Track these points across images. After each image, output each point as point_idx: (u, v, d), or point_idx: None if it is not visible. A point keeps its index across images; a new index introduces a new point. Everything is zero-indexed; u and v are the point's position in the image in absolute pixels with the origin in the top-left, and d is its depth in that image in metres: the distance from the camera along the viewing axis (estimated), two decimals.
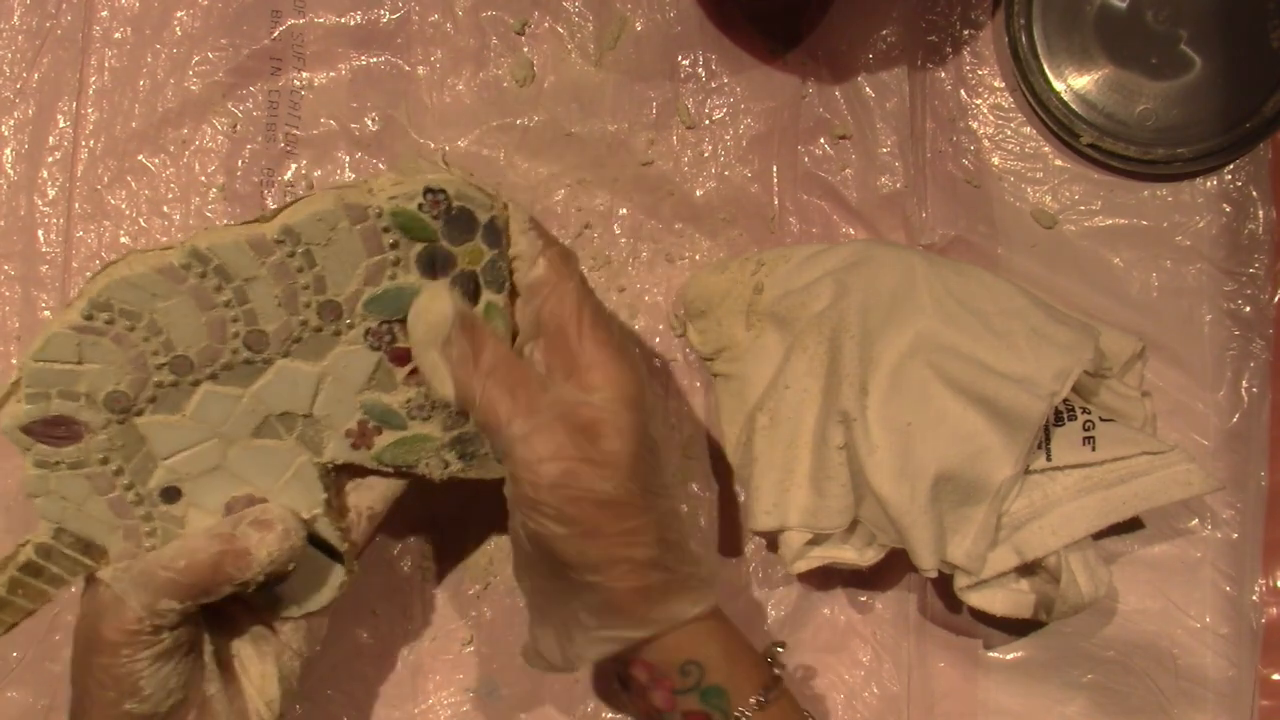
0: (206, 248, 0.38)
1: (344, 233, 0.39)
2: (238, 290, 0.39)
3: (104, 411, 0.38)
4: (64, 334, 0.38)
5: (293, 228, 0.38)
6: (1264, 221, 0.52)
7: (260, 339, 0.39)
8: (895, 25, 0.53)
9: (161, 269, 0.38)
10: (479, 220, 0.40)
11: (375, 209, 0.39)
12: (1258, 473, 0.51)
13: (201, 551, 0.38)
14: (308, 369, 0.40)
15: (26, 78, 0.52)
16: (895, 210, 0.53)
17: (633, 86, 0.53)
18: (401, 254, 0.40)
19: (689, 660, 0.40)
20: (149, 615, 0.37)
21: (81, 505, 0.39)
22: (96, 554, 0.40)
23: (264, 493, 0.41)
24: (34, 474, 0.39)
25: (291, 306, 0.39)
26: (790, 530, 0.46)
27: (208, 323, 0.39)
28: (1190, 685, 0.50)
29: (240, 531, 0.39)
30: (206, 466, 0.40)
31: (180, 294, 0.38)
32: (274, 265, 0.39)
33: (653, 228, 0.53)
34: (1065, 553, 0.45)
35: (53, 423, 0.38)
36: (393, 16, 0.53)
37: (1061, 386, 0.44)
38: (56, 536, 0.39)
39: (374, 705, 0.51)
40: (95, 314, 0.38)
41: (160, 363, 0.39)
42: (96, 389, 0.38)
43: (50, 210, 0.52)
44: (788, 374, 0.47)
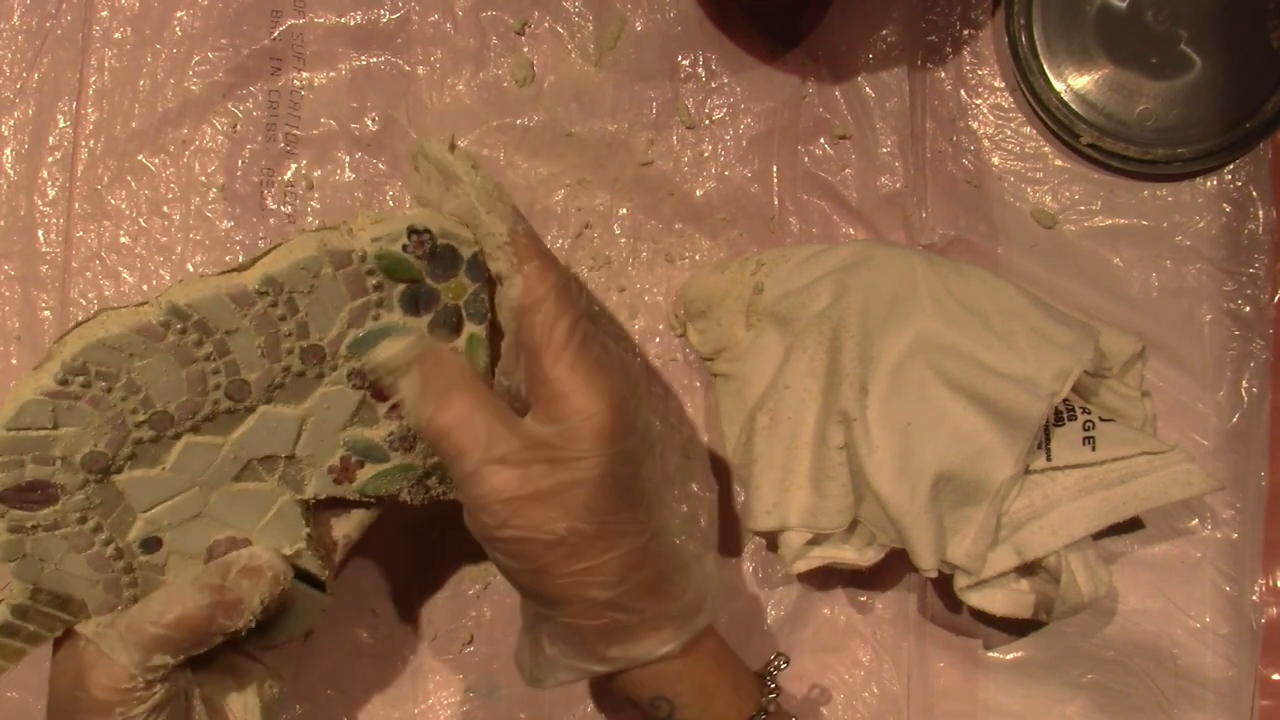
0: (186, 304, 0.37)
1: (327, 279, 0.38)
2: (219, 343, 0.37)
3: (81, 473, 0.37)
4: (37, 400, 0.36)
5: (275, 277, 0.37)
6: (1264, 221, 0.52)
7: (242, 388, 0.38)
8: (895, 25, 0.53)
9: (140, 329, 0.36)
10: (462, 256, 0.40)
11: (359, 252, 0.38)
12: (1258, 473, 0.51)
13: (193, 605, 0.38)
14: (290, 412, 0.39)
15: (26, 78, 0.52)
16: (895, 210, 0.53)
17: (633, 86, 0.53)
18: (385, 294, 0.39)
19: (657, 695, 0.40)
20: (141, 671, 0.37)
21: (58, 564, 0.38)
22: (75, 608, 0.39)
23: (246, 533, 0.40)
24: (7, 539, 0.37)
25: (274, 354, 0.38)
26: (790, 530, 0.46)
27: (188, 377, 0.37)
28: (1190, 685, 0.50)
29: (231, 582, 0.38)
30: (187, 515, 0.39)
31: (159, 351, 0.37)
32: (256, 316, 0.37)
33: (653, 228, 0.53)
34: (1065, 553, 0.45)
35: (27, 488, 0.37)
36: (393, 16, 0.53)
37: (1061, 386, 0.44)
38: (32, 596, 0.38)
39: (374, 705, 0.51)
40: (70, 378, 0.36)
41: (139, 420, 0.37)
42: (73, 452, 0.37)
43: (50, 210, 0.52)
44: (788, 374, 0.46)
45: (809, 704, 0.51)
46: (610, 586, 0.38)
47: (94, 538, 0.38)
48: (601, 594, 0.38)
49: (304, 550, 0.41)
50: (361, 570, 0.51)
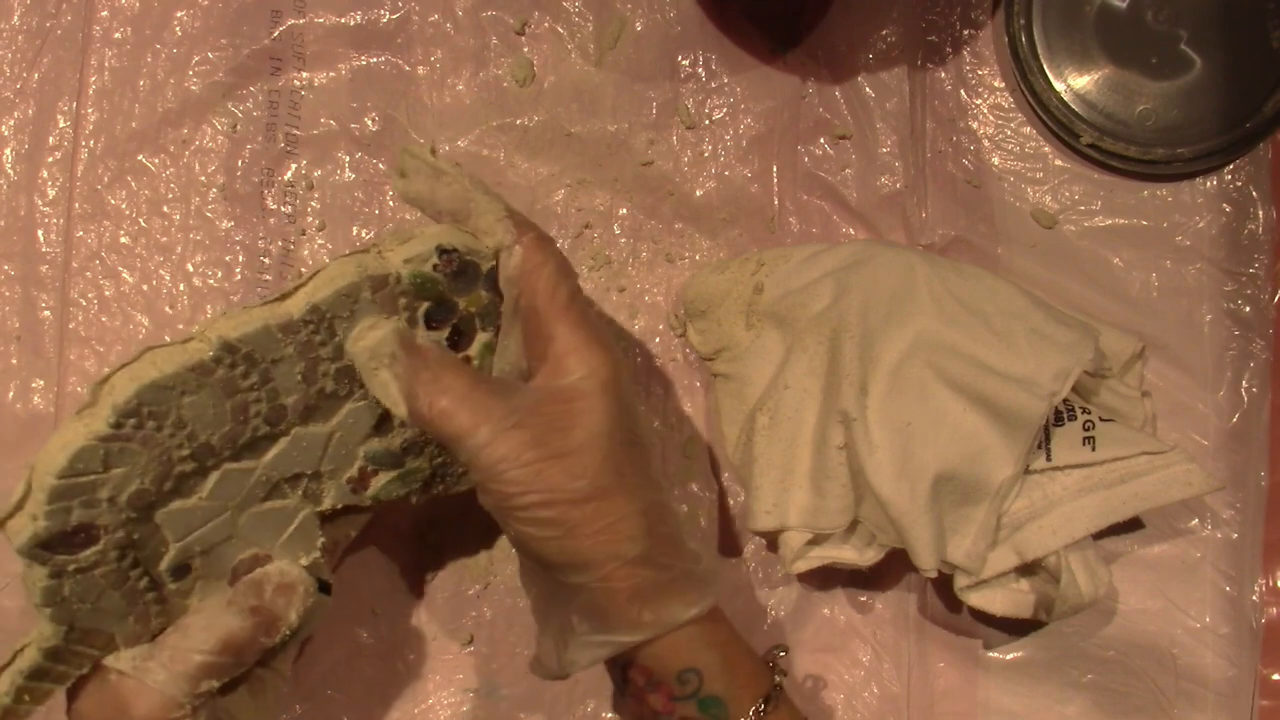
0: (237, 338, 0.36)
1: (365, 302, 0.38)
2: (263, 373, 0.38)
3: (125, 511, 0.37)
4: (90, 446, 0.35)
5: (319, 305, 0.37)
6: (1264, 221, 0.52)
7: (280, 413, 0.38)
8: (895, 25, 0.53)
9: (193, 366, 0.36)
10: (482, 270, 0.40)
11: (394, 275, 0.38)
12: (1258, 473, 0.51)
13: (235, 628, 0.38)
14: (319, 430, 0.40)
15: (26, 78, 0.52)
16: (895, 210, 0.53)
17: (633, 86, 0.53)
18: (411, 312, 0.40)
19: (687, 668, 0.39)
20: (189, 700, 0.37)
21: (95, 603, 0.37)
22: (103, 642, 0.38)
23: (267, 550, 0.41)
24: (46, 585, 0.36)
25: (312, 379, 0.38)
26: (790, 530, 0.46)
27: (231, 408, 0.37)
28: (1190, 685, 0.50)
29: (269, 601, 0.39)
30: (218, 539, 0.39)
31: (208, 386, 0.37)
32: (300, 343, 0.38)
33: (653, 228, 0.53)
34: (1065, 553, 0.45)
35: (71, 533, 0.36)
36: (393, 16, 0.53)
37: (1061, 386, 0.44)
38: (66, 637, 0.37)
39: (374, 705, 0.51)
40: (123, 421, 0.35)
41: (184, 454, 0.37)
42: (119, 492, 0.36)
43: (50, 210, 0.52)
44: (788, 374, 0.46)
45: (808, 703, 0.51)
46: (639, 540, 0.38)
47: (130, 573, 0.38)
48: (631, 549, 0.38)
49: (318, 559, 0.42)
50: (361, 570, 0.51)
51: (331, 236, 0.52)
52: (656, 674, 0.39)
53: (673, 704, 0.40)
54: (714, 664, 0.39)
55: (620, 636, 0.38)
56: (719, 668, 0.39)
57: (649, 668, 0.39)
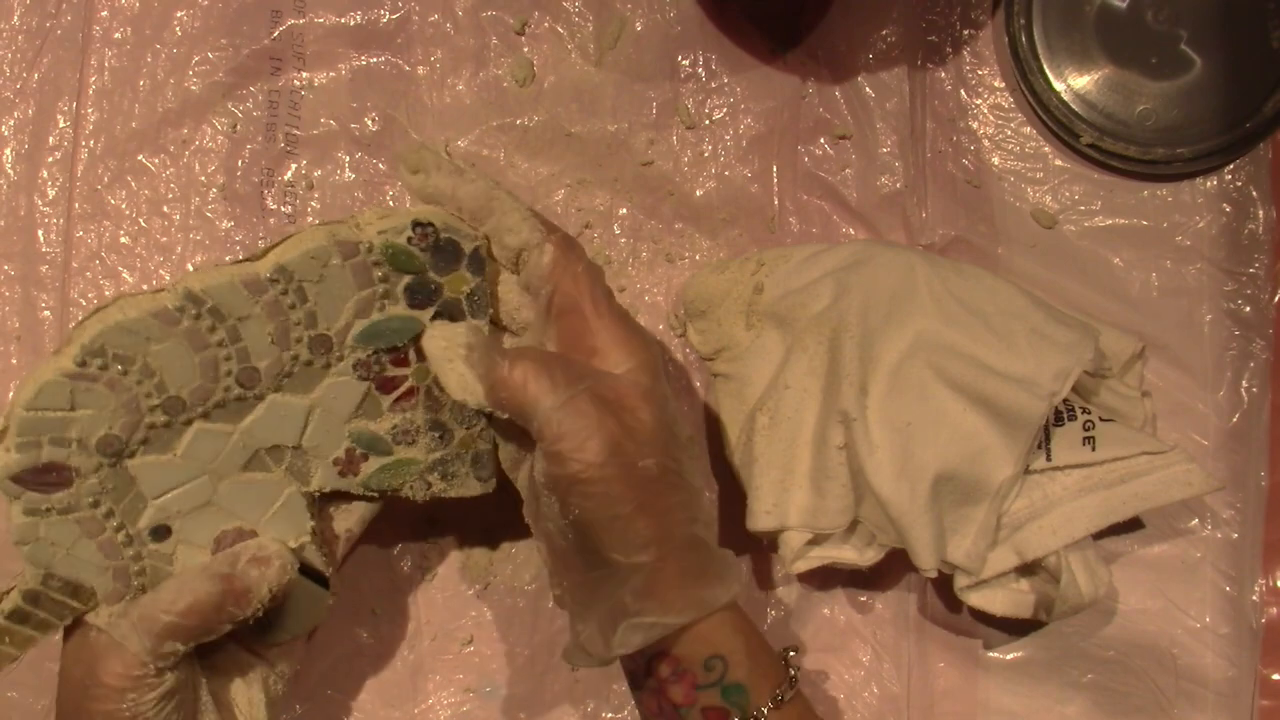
0: (201, 290, 0.38)
1: (335, 269, 0.39)
2: (231, 329, 0.39)
3: (95, 456, 0.38)
4: (57, 381, 0.37)
5: (286, 266, 0.39)
6: (1264, 221, 0.52)
7: (252, 375, 0.39)
8: (895, 25, 0.53)
9: (156, 312, 0.38)
10: (464, 250, 0.41)
11: (366, 244, 0.39)
12: (1258, 473, 0.51)
13: (203, 593, 0.38)
14: (297, 402, 0.40)
15: (26, 78, 0.52)
16: (895, 210, 0.53)
17: (633, 86, 0.53)
18: (390, 286, 0.40)
19: (714, 654, 0.40)
20: (153, 658, 0.37)
21: (71, 549, 0.39)
22: (84, 596, 0.39)
23: (252, 525, 0.41)
24: (22, 521, 0.38)
25: (284, 343, 0.39)
26: (790, 530, 0.46)
27: (201, 363, 0.38)
28: (1190, 685, 0.50)
29: (240, 570, 0.39)
30: (197, 503, 0.40)
31: (174, 336, 0.38)
32: (268, 303, 0.39)
33: (653, 228, 0.53)
34: (1065, 553, 0.45)
35: (43, 470, 0.38)
36: (393, 16, 0.53)
37: (1061, 386, 0.44)
38: (44, 582, 0.39)
39: (374, 705, 0.51)
40: (89, 360, 0.37)
41: (153, 404, 0.38)
42: (89, 434, 0.38)
43: (50, 210, 0.52)
44: (788, 374, 0.47)
45: None
46: (690, 521, 0.39)
47: (106, 523, 0.39)
48: (686, 530, 0.39)
49: (308, 544, 0.42)
50: (361, 570, 0.51)
51: None
52: (684, 662, 0.40)
53: (695, 693, 0.40)
54: (738, 651, 0.40)
55: (670, 618, 0.39)
56: (743, 655, 0.40)
57: (678, 656, 0.40)
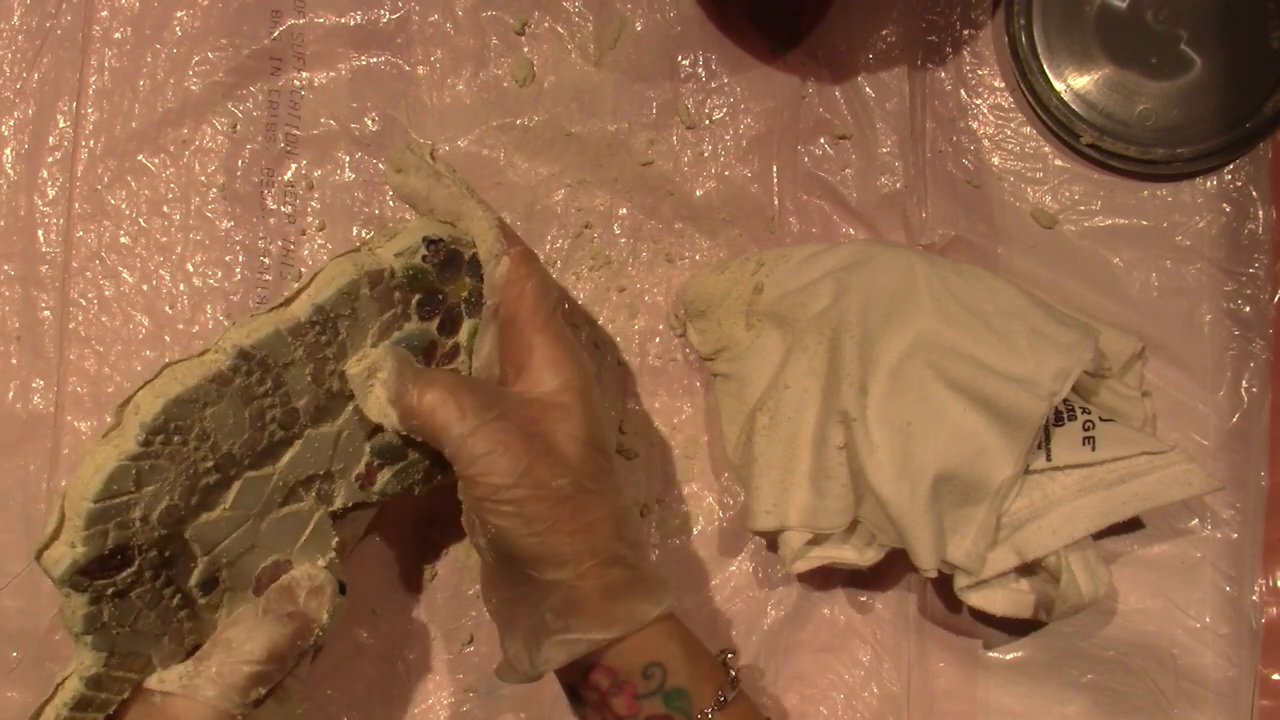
0: (251, 345, 0.37)
1: (364, 299, 0.39)
2: (275, 377, 0.38)
3: (157, 529, 0.37)
4: (123, 466, 0.35)
5: (323, 305, 0.38)
6: (1264, 221, 0.52)
7: (293, 416, 0.39)
8: (895, 25, 0.53)
9: (213, 377, 0.37)
10: (465, 257, 0.41)
11: (389, 270, 0.40)
12: (1258, 473, 0.51)
13: (278, 635, 0.39)
14: (329, 430, 0.40)
15: (27, 78, 0.52)
16: (895, 210, 0.53)
17: (633, 86, 0.53)
18: (406, 305, 0.41)
19: (651, 662, 0.40)
20: (241, 710, 0.38)
21: (133, 626, 0.38)
22: (140, 665, 0.39)
23: (286, 555, 0.41)
24: (87, 612, 0.37)
25: (320, 379, 0.39)
26: (790, 530, 0.46)
27: (250, 415, 0.38)
28: (1190, 685, 0.50)
29: (305, 607, 0.40)
30: (243, 549, 0.40)
31: (228, 395, 0.37)
32: (308, 345, 0.39)
33: (653, 228, 0.53)
34: (1065, 553, 0.45)
35: (109, 556, 0.36)
36: (393, 16, 0.53)
37: (1061, 386, 0.44)
38: (106, 663, 0.38)
39: (374, 705, 0.51)
40: (152, 438, 0.36)
41: (208, 466, 0.38)
42: (151, 510, 0.37)
43: (50, 210, 0.52)
44: (788, 374, 0.46)
45: (809, 704, 0.51)
46: (613, 539, 0.40)
47: (164, 591, 0.38)
48: (606, 548, 0.39)
49: (334, 560, 0.42)
50: (361, 570, 0.51)
51: (331, 236, 0.52)
52: (621, 673, 0.40)
53: (637, 704, 0.40)
54: (676, 656, 0.40)
55: (594, 634, 0.39)
56: (681, 660, 0.40)
57: (613, 667, 0.40)
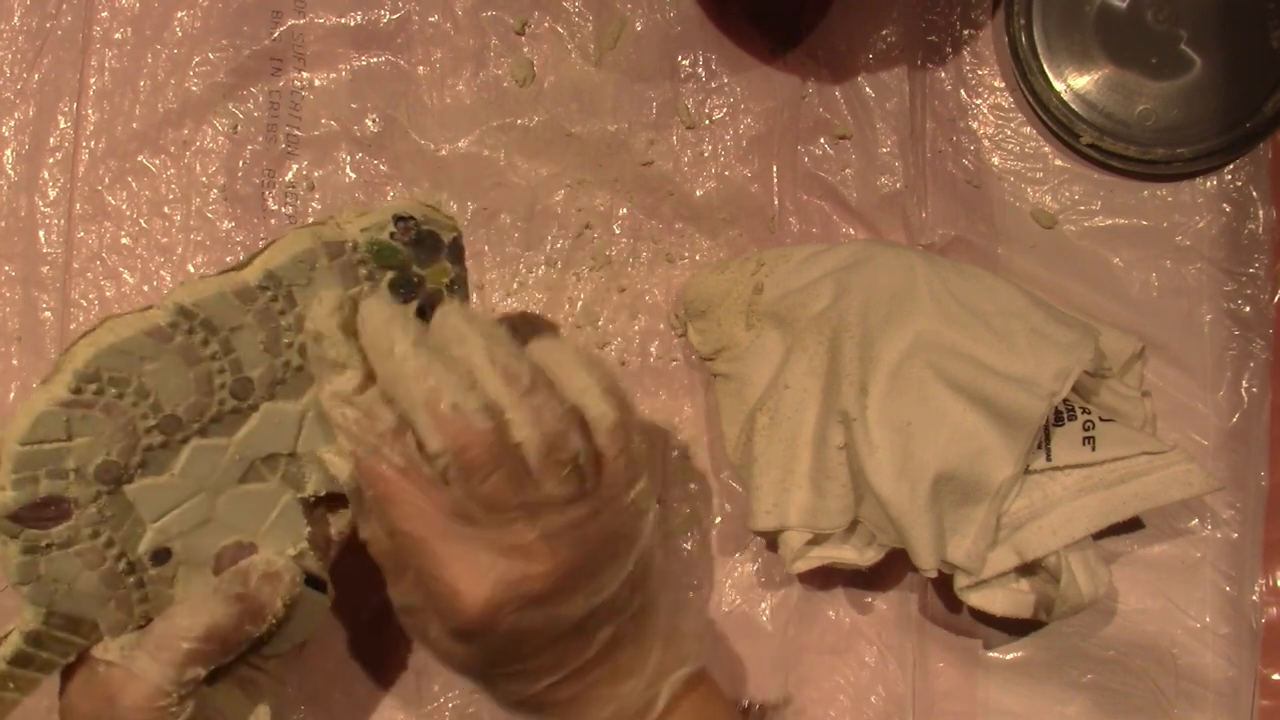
0: (192, 303, 0.37)
1: (323, 270, 0.39)
2: (223, 341, 0.38)
3: (94, 484, 0.37)
4: (52, 411, 0.36)
5: (275, 271, 0.38)
6: (1264, 221, 0.52)
7: (246, 386, 0.39)
8: (895, 25, 0.53)
9: (149, 330, 0.37)
10: (443, 241, 0.41)
11: (350, 243, 0.39)
12: (1258, 473, 0.51)
13: (221, 614, 0.38)
14: (291, 408, 0.39)
15: (27, 78, 0.52)
16: (895, 210, 0.53)
17: (633, 86, 0.53)
18: (375, 283, 0.40)
19: None
20: (175, 687, 0.37)
21: (72, 584, 0.37)
22: (86, 630, 0.38)
23: (251, 537, 0.40)
24: (21, 560, 0.37)
25: (275, 350, 0.39)
26: (790, 530, 0.46)
27: (195, 378, 0.37)
28: (1190, 685, 0.50)
29: (254, 588, 0.39)
30: (196, 521, 0.39)
31: (168, 353, 0.37)
32: (258, 311, 0.38)
33: (653, 228, 0.53)
34: (1065, 553, 0.45)
35: (41, 504, 0.36)
36: (393, 16, 0.53)
37: (1061, 386, 0.44)
38: (46, 621, 0.37)
39: (378, 706, 0.51)
40: (84, 386, 0.36)
41: (149, 425, 0.37)
42: (86, 463, 0.36)
43: (51, 211, 0.52)
44: (788, 374, 0.47)
45: (815, 707, 0.51)
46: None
47: (106, 553, 0.38)
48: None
49: (306, 550, 0.41)
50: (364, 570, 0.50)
51: None
52: None
53: None
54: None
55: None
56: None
57: None
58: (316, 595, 0.42)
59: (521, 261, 0.52)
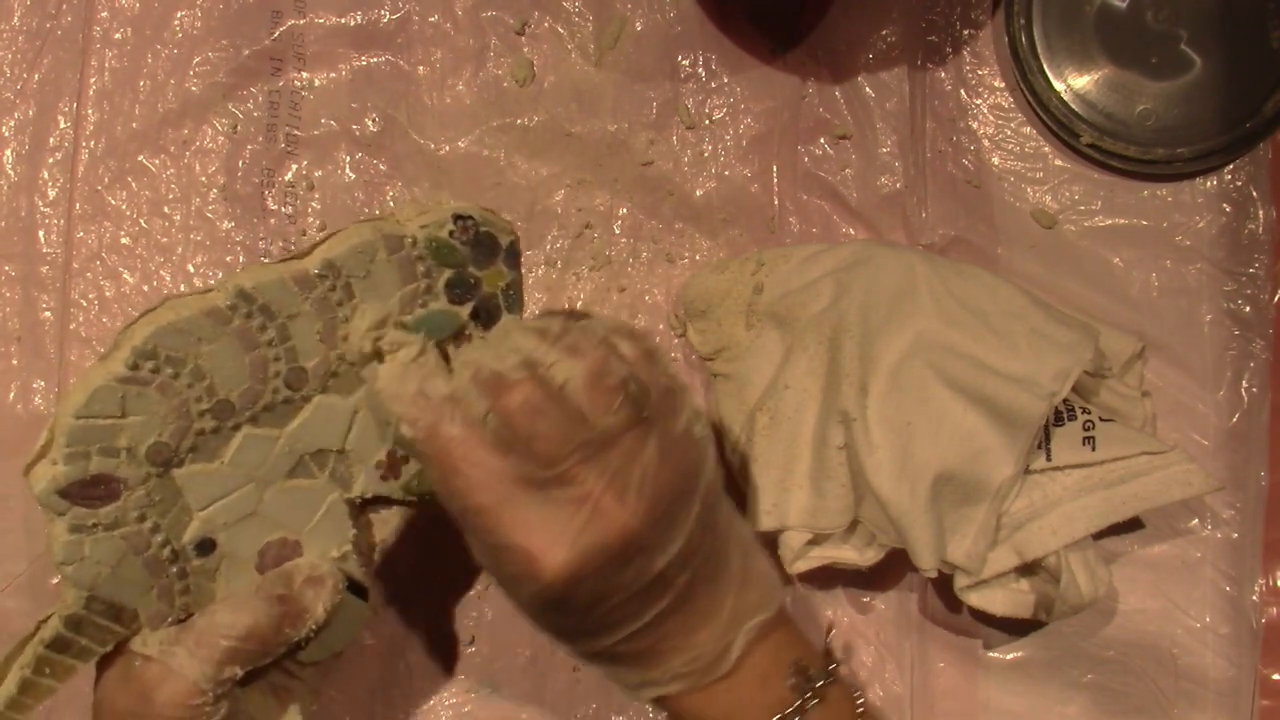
0: (252, 287, 0.37)
1: (381, 263, 0.39)
2: (280, 328, 0.38)
3: (145, 465, 0.37)
4: (109, 386, 0.35)
5: (334, 261, 0.38)
6: (1264, 221, 0.52)
7: (300, 376, 0.38)
8: (895, 25, 0.53)
9: (208, 311, 0.37)
10: (501, 244, 0.41)
11: (410, 238, 0.39)
12: (1258, 473, 0.51)
13: (263, 615, 0.38)
14: (342, 403, 0.39)
15: (27, 79, 0.52)
16: (895, 210, 0.53)
17: (633, 86, 0.53)
18: (432, 281, 0.40)
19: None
20: (212, 685, 0.36)
21: (116, 568, 0.37)
22: (127, 619, 0.38)
23: (296, 534, 0.40)
24: (67, 540, 0.36)
25: (330, 341, 0.39)
26: (790, 530, 0.46)
27: (250, 363, 0.37)
28: (1190, 685, 0.50)
29: (297, 591, 0.39)
30: (242, 514, 0.39)
31: (226, 336, 0.37)
32: (316, 300, 0.38)
33: (653, 228, 0.53)
34: (1065, 553, 0.45)
35: (91, 483, 0.36)
36: (393, 16, 0.53)
37: (1061, 386, 0.44)
38: (87, 605, 0.37)
39: (375, 705, 0.51)
40: (141, 363, 0.36)
41: (203, 409, 0.37)
42: (138, 442, 0.36)
43: (51, 211, 0.52)
44: (788, 374, 0.47)
45: None
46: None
47: (152, 539, 0.38)
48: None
49: (350, 554, 0.41)
50: None
51: None
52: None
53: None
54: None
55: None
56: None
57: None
58: (357, 603, 0.41)
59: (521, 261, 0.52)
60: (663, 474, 0.35)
